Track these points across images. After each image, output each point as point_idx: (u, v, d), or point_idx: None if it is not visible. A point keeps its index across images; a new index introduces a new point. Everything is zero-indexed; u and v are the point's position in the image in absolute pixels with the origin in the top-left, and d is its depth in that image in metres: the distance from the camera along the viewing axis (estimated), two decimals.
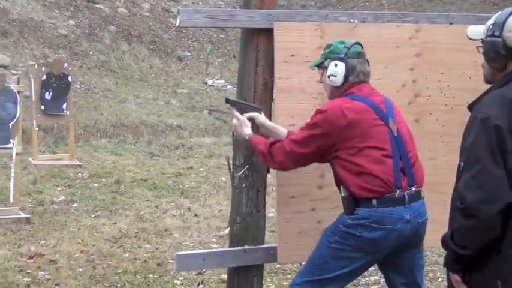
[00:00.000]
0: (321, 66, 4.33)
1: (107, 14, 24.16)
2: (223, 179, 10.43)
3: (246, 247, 4.68)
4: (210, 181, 10.36)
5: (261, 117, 4.51)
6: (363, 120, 4.06)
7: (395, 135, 4.12)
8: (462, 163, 3.24)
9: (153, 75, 21.97)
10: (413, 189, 4.13)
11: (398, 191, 4.05)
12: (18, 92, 8.43)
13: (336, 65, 4.20)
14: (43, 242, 7.14)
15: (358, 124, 4.05)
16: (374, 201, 4.02)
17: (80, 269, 6.42)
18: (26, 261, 6.49)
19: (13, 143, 8.25)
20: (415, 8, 24.47)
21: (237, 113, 4.52)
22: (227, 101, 4.74)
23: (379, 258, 4.21)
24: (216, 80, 22.09)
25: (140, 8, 25.73)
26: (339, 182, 4.19)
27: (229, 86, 21.30)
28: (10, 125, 8.28)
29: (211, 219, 8.16)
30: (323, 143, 4.10)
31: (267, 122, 4.53)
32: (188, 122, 16.98)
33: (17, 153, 8.27)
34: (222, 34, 25.55)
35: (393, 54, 4.86)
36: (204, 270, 6.28)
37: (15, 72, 17.95)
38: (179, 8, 4.71)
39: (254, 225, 4.75)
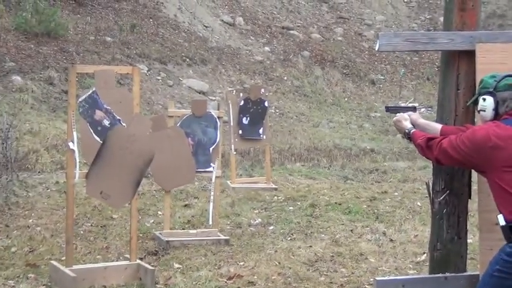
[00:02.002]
0: (476, 102, 4.34)
1: (301, 39, 24.59)
2: (418, 203, 10.25)
3: (448, 274, 4.58)
4: (405, 206, 10.22)
5: (414, 116, 4.81)
6: (509, 146, 4.02)
7: None
8: None
9: (346, 99, 22.07)
10: None
11: None
12: (218, 117, 8.70)
13: (484, 100, 4.21)
14: (241, 263, 7.29)
15: (502, 149, 4.02)
16: None
17: None
18: (225, 282, 6.65)
19: (213, 167, 8.52)
20: None
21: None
22: (387, 109, 5.07)
23: None
24: (410, 103, 21.71)
25: (333, 33, 25.98)
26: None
27: (422, 109, 20.84)
28: (211, 149, 8.55)
29: (407, 244, 8.02)
30: (467, 160, 4.16)
31: (420, 120, 4.78)
32: (381, 146, 16.89)
33: (216, 177, 8.55)
34: (415, 57, 25.25)
35: None
36: None
37: (213, 98, 18.65)
38: (378, 32, 4.75)
39: (455, 252, 4.64)
